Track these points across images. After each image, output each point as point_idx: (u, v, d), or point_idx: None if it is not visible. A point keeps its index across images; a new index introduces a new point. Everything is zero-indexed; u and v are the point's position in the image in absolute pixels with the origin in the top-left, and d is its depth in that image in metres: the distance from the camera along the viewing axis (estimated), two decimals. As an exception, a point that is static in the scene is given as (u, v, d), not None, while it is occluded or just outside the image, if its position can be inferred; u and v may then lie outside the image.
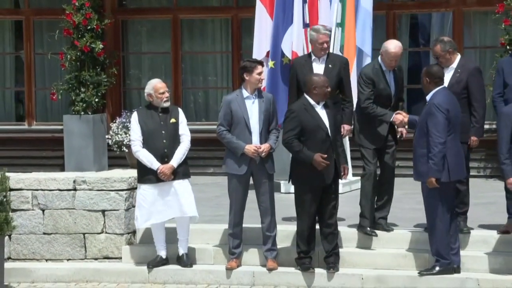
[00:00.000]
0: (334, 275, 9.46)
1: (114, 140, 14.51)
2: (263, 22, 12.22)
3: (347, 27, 12.02)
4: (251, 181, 9.71)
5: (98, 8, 14.70)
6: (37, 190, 10.46)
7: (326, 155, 9.23)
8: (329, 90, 9.39)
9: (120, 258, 10.29)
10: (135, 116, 9.92)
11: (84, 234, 10.39)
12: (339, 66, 10.05)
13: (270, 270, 9.63)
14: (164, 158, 9.74)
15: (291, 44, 11.80)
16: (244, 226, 9.77)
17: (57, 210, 10.43)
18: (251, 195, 9.74)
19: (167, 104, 9.87)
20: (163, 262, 9.94)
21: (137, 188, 10.32)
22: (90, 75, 14.46)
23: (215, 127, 9.76)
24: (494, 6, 13.36)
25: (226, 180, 9.78)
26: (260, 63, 9.75)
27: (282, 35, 11.84)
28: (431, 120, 8.97)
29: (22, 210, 10.49)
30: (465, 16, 14.42)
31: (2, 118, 15.82)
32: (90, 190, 10.36)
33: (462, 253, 9.34)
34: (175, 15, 15.27)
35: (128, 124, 14.39)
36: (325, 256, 9.52)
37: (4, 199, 9.77)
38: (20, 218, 10.44)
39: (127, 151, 14.38)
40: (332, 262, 9.47)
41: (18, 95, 16.08)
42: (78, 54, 14.40)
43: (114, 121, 14.72)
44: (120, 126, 14.52)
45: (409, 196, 10.18)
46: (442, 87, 9.18)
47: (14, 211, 10.32)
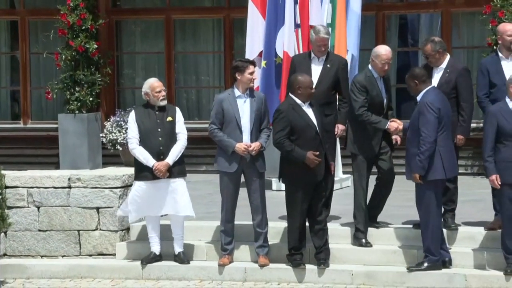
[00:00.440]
0: (324, 271, 9.47)
1: (108, 139, 14.48)
2: (255, 22, 12.18)
3: (338, 27, 12.01)
4: (242, 178, 9.72)
5: (92, 8, 14.66)
6: (32, 187, 10.45)
7: (318, 153, 9.24)
8: (313, 91, 9.34)
9: (114, 255, 10.28)
10: (132, 114, 9.93)
11: (78, 231, 10.39)
12: (337, 67, 9.95)
13: (262, 266, 9.64)
14: (160, 155, 9.74)
15: (283, 45, 11.79)
16: (236, 223, 9.78)
17: (52, 207, 10.42)
18: (243, 192, 9.74)
19: (164, 102, 9.87)
20: (157, 258, 9.93)
21: (130, 185, 10.36)
22: (84, 75, 14.43)
23: (207, 125, 9.75)
24: (482, 7, 13.38)
25: (218, 178, 9.78)
26: (252, 63, 9.75)
27: (275, 35, 11.82)
28: (422, 119, 8.97)
29: (18, 207, 10.48)
30: (453, 16, 14.43)
31: (-2, 117, 15.81)
32: (84, 187, 10.35)
33: (450, 249, 9.35)
34: (168, 15, 15.25)
35: (122, 123, 14.39)
36: (315, 252, 9.52)
37: (0, 197, 9.76)
38: (15, 215, 10.43)
39: (121, 149, 14.37)
40: (322, 258, 9.48)
41: (13, 94, 16.03)
42: (73, 54, 14.36)
43: (108, 119, 14.68)
44: (114, 125, 14.49)
45: (399, 193, 10.18)
46: (432, 86, 9.19)
47: (9, 208, 10.30)
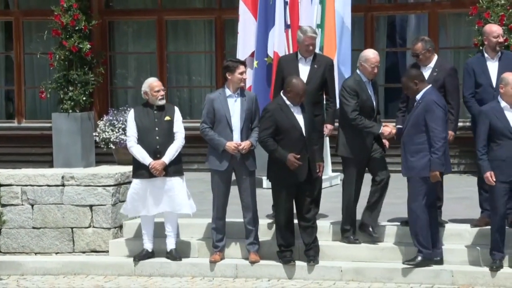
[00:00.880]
0: (314, 267, 9.47)
1: (101, 138, 14.46)
2: (247, 23, 12.15)
3: (327, 28, 12.00)
4: (234, 177, 9.71)
5: (85, 9, 14.63)
6: (26, 185, 10.43)
7: (299, 156, 9.22)
8: (303, 99, 9.31)
9: (107, 252, 10.27)
10: (131, 113, 9.93)
11: (72, 228, 10.37)
12: (324, 67, 9.93)
13: (253, 263, 9.63)
14: (156, 154, 9.73)
15: (273, 45, 11.78)
16: (227, 220, 9.77)
17: (46, 205, 10.40)
18: (234, 190, 9.73)
19: (162, 102, 9.86)
20: (149, 255, 9.92)
21: (123, 183, 10.36)
22: (78, 74, 14.40)
23: (199, 124, 9.74)
24: (468, 8, 13.40)
25: (209, 176, 9.77)
26: (242, 63, 9.73)
27: (266, 36, 11.81)
28: (431, 116, 8.97)
29: (12, 205, 10.45)
30: (440, 18, 14.46)
31: (-8, 116, 15.78)
32: (78, 185, 10.33)
33: (437, 246, 9.39)
34: (160, 16, 15.24)
35: (115, 122, 14.38)
36: (305, 249, 9.52)
37: (-6, 195, 9.77)
38: (10, 213, 10.40)
39: (114, 148, 14.35)
40: (312, 255, 9.48)
41: (8, 93, 16.01)
42: (66, 54, 14.34)
43: (101, 119, 14.66)
44: (107, 124, 14.46)
45: (388, 190, 10.17)
46: (430, 86, 9.19)
47: (4, 206, 10.29)
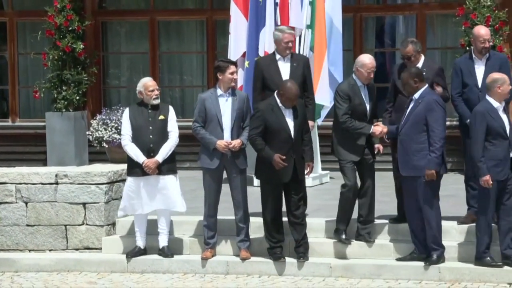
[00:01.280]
0: (304, 264, 9.48)
1: (94, 136, 14.45)
2: (238, 23, 12.16)
3: (317, 29, 12.02)
4: (225, 175, 9.71)
5: (79, 10, 14.63)
6: (20, 184, 10.41)
7: (285, 157, 9.21)
8: (294, 103, 9.27)
9: (100, 249, 10.26)
10: (126, 112, 9.93)
11: (65, 225, 10.35)
12: (302, 65, 9.95)
13: (243, 259, 9.63)
14: (150, 152, 9.72)
15: (264, 45, 11.79)
16: (219, 218, 9.77)
17: (39, 203, 10.38)
18: (226, 188, 9.73)
19: (157, 101, 9.84)
20: (141, 252, 9.91)
21: (116, 182, 10.35)
22: (71, 74, 14.40)
23: (191, 123, 9.74)
24: (455, 9, 13.44)
25: (201, 174, 9.77)
26: (233, 63, 9.72)
27: (257, 36, 11.81)
28: (432, 115, 8.97)
29: (6, 203, 10.43)
30: (427, 18, 14.49)
31: (-13, 115, 15.75)
32: (71, 183, 10.31)
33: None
34: (152, 17, 15.23)
35: (107, 121, 14.37)
36: (295, 246, 9.52)
37: (-11, 193, 9.75)
38: (4, 211, 10.38)
39: (107, 146, 14.35)
40: (302, 252, 9.48)
41: (2, 93, 15.97)
42: (60, 54, 14.34)
43: (95, 118, 14.65)
44: (100, 123, 14.45)
45: (375, 188, 10.19)
46: (427, 86, 9.20)
47: (-2, 204, 10.28)
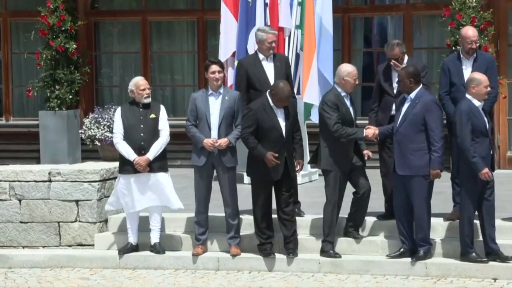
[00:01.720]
0: (293, 260, 9.49)
1: (87, 135, 14.43)
2: (228, 24, 12.15)
3: (306, 29, 12.01)
4: (215, 173, 9.71)
5: (71, 10, 14.61)
6: (14, 181, 10.40)
7: (277, 155, 9.23)
8: (286, 103, 9.29)
9: (93, 245, 10.25)
10: (118, 110, 9.93)
11: (58, 222, 10.34)
12: (285, 64, 9.98)
13: (234, 256, 9.64)
14: (141, 150, 9.72)
15: (254, 45, 11.76)
16: (210, 214, 9.78)
17: (33, 200, 10.36)
18: (217, 185, 9.73)
19: (148, 100, 9.84)
20: (133, 248, 9.91)
21: (108, 179, 10.35)
22: (64, 74, 14.38)
23: (182, 122, 9.78)
24: (441, 10, 13.47)
25: (191, 172, 9.78)
26: (216, 63, 9.66)
27: (246, 36, 11.81)
28: (431, 116, 8.99)
29: (0, 200, 10.42)
30: (414, 19, 14.52)
31: (-19, 114, 15.70)
32: (64, 181, 10.30)
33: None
34: (144, 17, 15.21)
35: (100, 119, 14.35)
36: (284, 242, 9.53)
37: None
38: (-2, 208, 10.38)
39: (99, 144, 14.33)
40: (291, 248, 9.49)
41: (-4, 92, 15.96)
42: (53, 53, 14.32)
43: (87, 116, 14.63)
44: (92, 121, 14.43)
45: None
46: (422, 86, 9.21)
47: (-8, 201, 10.26)
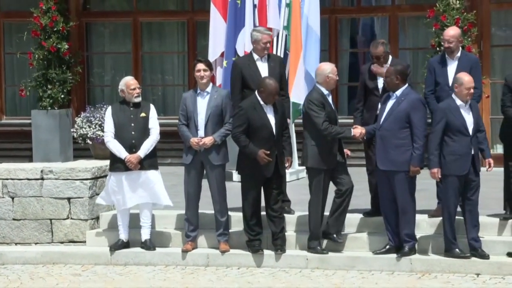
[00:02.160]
0: (281, 256, 9.51)
1: (78, 133, 14.43)
2: (217, 25, 12.15)
3: (293, 29, 12.02)
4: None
5: (63, 11, 14.60)
6: (7, 179, 10.38)
7: (269, 152, 9.27)
8: (276, 98, 9.32)
9: (85, 242, 10.25)
10: (109, 110, 9.93)
11: (51, 219, 10.34)
12: (279, 64, 10.00)
13: (223, 252, 9.65)
14: (132, 148, 9.73)
15: (244, 45, 11.80)
16: (200, 211, 9.79)
17: (25, 198, 10.36)
18: (207, 183, 9.75)
19: (138, 99, 9.84)
20: (124, 245, 9.91)
21: (100, 177, 10.35)
22: (56, 73, 14.37)
23: (172, 121, 9.80)
24: (425, 12, 13.52)
25: (181, 170, 9.80)
26: (202, 61, 9.66)
27: (235, 37, 11.82)
28: (417, 114, 9.03)
29: (-7, 198, 10.43)
30: (399, 20, 14.57)
31: (-26, 113, 15.68)
32: (56, 179, 10.30)
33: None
34: (135, 18, 15.21)
35: (92, 118, 14.35)
36: (272, 239, 9.56)
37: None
38: (-9, 206, 10.37)
39: (91, 143, 14.33)
40: (279, 244, 9.51)
41: (-11, 91, 15.93)
42: (45, 54, 14.30)
43: (79, 115, 14.63)
44: (84, 120, 14.43)
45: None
46: (407, 85, 9.25)
47: (-15, 199, 10.25)
